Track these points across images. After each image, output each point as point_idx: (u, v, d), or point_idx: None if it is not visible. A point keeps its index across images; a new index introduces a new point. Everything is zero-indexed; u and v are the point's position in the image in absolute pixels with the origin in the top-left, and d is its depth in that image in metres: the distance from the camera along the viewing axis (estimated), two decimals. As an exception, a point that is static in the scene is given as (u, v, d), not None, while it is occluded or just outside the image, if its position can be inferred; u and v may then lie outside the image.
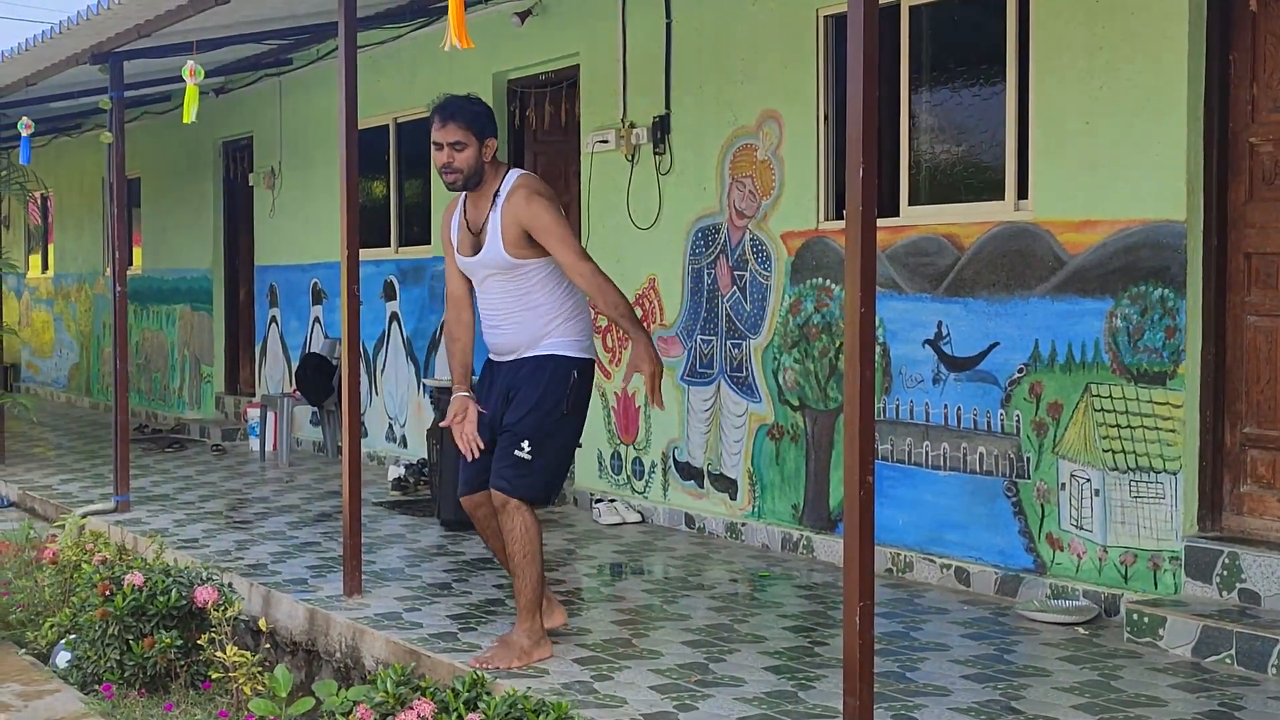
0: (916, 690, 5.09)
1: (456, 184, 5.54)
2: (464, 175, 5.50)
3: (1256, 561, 5.63)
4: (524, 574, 5.46)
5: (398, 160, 11.65)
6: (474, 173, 5.50)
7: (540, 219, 5.39)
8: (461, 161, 5.48)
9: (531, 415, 5.42)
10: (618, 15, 8.96)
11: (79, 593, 6.74)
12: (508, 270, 5.46)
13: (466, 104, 5.58)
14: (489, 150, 5.52)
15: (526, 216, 5.40)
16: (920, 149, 7.21)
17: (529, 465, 5.40)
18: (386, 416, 11.67)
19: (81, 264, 18.44)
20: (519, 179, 5.53)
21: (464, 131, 5.48)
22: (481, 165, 5.51)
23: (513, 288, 5.49)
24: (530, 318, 5.48)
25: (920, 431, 7.05)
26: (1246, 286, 5.89)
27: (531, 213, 5.40)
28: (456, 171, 5.50)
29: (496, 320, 5.55)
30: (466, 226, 5.59)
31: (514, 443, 5.40)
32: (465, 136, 5.48)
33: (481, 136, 5.50)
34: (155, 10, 8.29)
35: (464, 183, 5.53)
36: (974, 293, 6.78)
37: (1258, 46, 5.82)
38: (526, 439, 5.39)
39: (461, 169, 5.49)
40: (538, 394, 5.43)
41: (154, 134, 15.48)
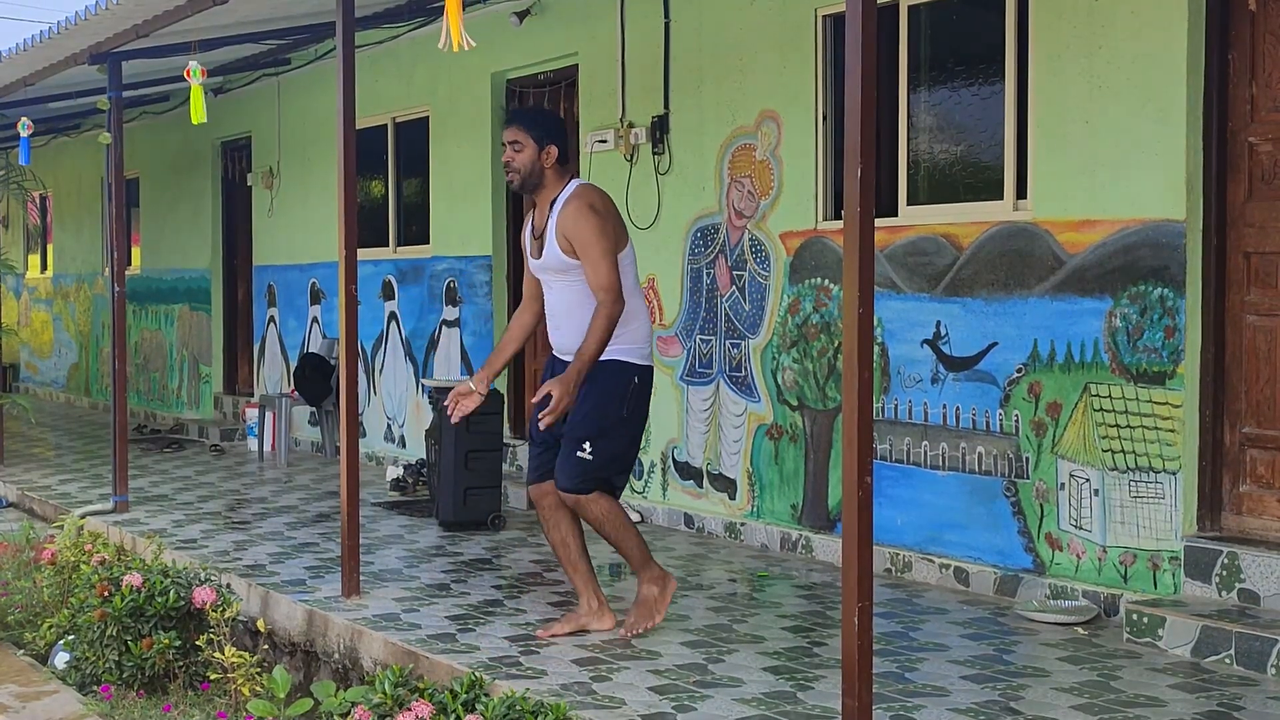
0: (915, 691, 5.08)
1: (514, 183, 5.80)
2: (521, 175, 5.76)
3: (1256, 561, 5.62)
4: (624, 543, 5.79)
5: (396, 160, 11.64)
6: (531, 174, 5.75)
7: (581, 235, 5.61)
8: (519, 161, 5.74)
9: (591, 417, 5.65)
10: (616, 15, 8.95)
11: (77, 593, 6.73)
12: (565, 272, 5.71)
13: (532, 110, 5.89)
14: (549, 156, 5.73)
15: (573, 230, 5.63)
16: (919, 149, 7.20)
17: (590, 464, 5.66)
18: (385, 417, 11.66)
19: (80, 264, 18.43)
20: (577, 188, 5.76)
21: (523, 133, 5.74)
22: (540, 169, 5.75)
23: (571, 290, 5.72)
24: (584, 319, 5.66)
25: (919, 431, 7.05)
26: (1246, 286, 5.89)
27: (578, 228, 5.63)
28: (515, 171, 5.76)
29: (558, 320, 5.80)
30: (532, 231, 5.87)
31: (576, 444, 5.65)
32: (524, 138, 5.73)
33: (541, 141, 5.72)
34: (153, 10, 8.28)
35: (521, 183, 5.78)
36: (973, 292, 6.77)
37: (1257, 45, 5.81)
38: (588, 440, 5.64)
39: (519, 169, 5.75)
40: (597, 397, 5.65)
41: (153, 134, 15.48)
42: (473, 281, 10.55)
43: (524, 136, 5.73)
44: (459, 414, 5.92)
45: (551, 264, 5.73)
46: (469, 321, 10.61)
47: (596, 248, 5.59)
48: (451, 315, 10.81)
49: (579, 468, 5.65)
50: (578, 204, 5.66)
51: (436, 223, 10.97)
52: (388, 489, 10.11)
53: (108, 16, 8.45)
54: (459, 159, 10.64)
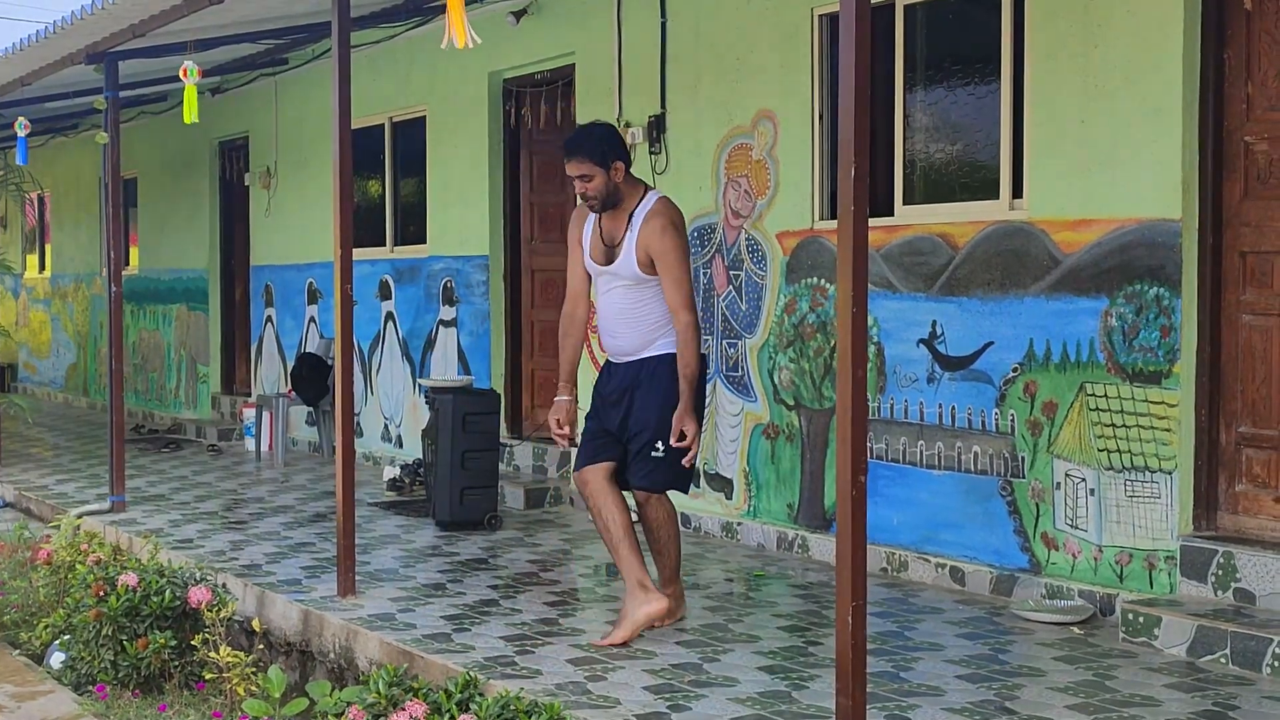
0: (910, 690, 5.08)
1: (596, 208, 5.90)
2: (600, 200, 5.85)
3: (1251, 561, 5.62)
4: (671, 549, 5.98)
5: (393, 159, 11.64)
6: (609, 195, 5.83)
7: (668, 256, 5.75)
8: (594, 190, 5.82)
9: (658, 415, 5.78)
10: (613, 15, 8.95)
11: (73, 593, 6.72)
12: (636, 283, 5.84)
13: (587, 136, 5.90)
14: (617, 173, 5.81)
15: (658, 249, 5.75)
16: (915, 148, 7.20)
17: (663, 461, 5.79)
18: (382, 416, 11.66)
19: (78, 264, 18.43)
20: (658, 203, 5.86)
21: (588, 164, 5.80)
22: (614, 187, 5.83)
23: (633, 297, 5.87)
24: (642, 325, 5.87)
25: (915, 431, 7.04)
26: (1242, 285, 5.88)
27: (663, 247, 5.75)
28: (593, 199, 5.85)
29: (616, 327, 5.93)
30: (600, 236, 5.93)
31: (648, 444, 5.80)
32: (590, 169, 5.79)
33: (606, 163, 5.79)
34: (150, 10, 8.28)
35: (602, 206, 5.87)
36: (968, 292, 6.77)
37: (1252, 45, 5.81)
38: (659, 438, 5.77)
39: (596, 196, 5.84)
40: (661, 394, 5.80)
41: (150, 134, 15.47)
42: (470, 281, 10.55)
43: (589, 167, 5.79)
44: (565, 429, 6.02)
45: (624, 273, 5.84)
46: (466, 321, 10.61)
47: (680, 267, 5.77)
48: (448, 315, 10.80)
49: (652, 466, 5.81)
50: (664, 222, 5.78)
51: (434, 223, 10.97)
52: (384, 489, 10.10)
53: (104, 16, 8.45)
54: (456, 159, 10.64)
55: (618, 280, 5.89)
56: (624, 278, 5.85)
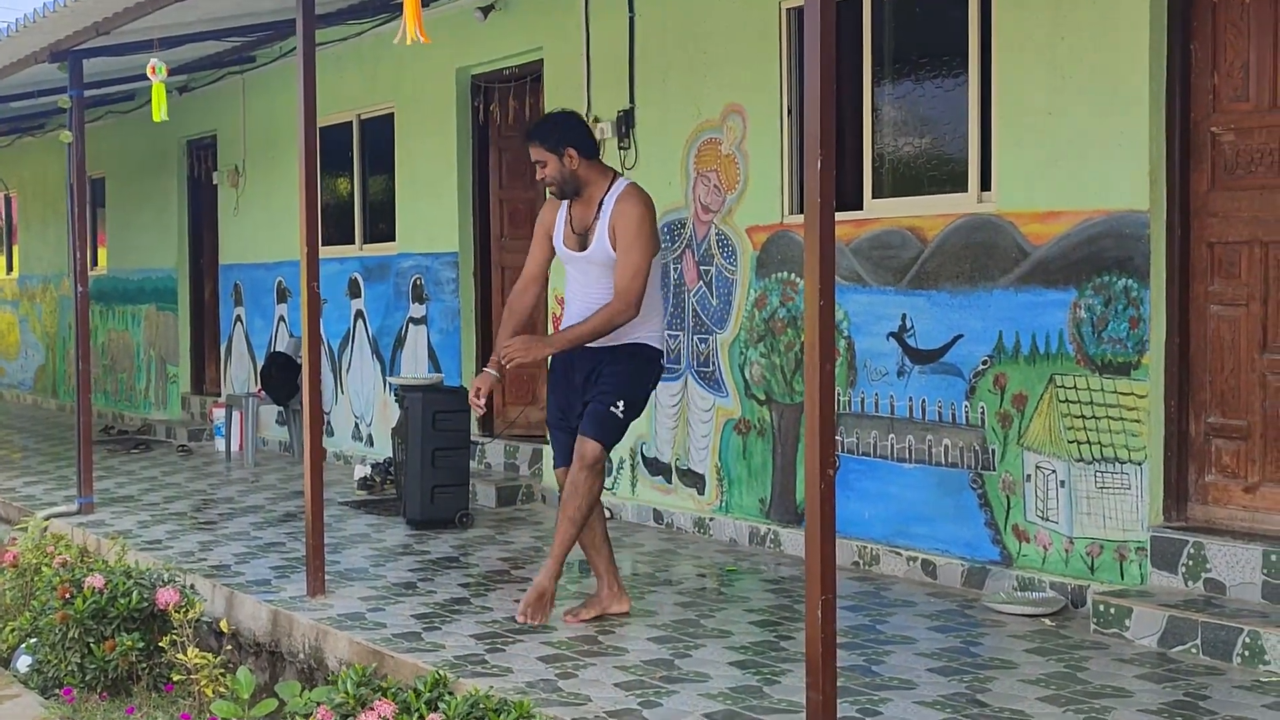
0: (882, 684, 5.07)
1: (557, 194, 5.97)
2: (558, 185, 5.91)
3: (1221, 551, 5.63)
4: (578, 525, 5.88)
5: (361, 157, 11.58)
6: (566, 181, 5.89)
7: (627, 236, 5.77)
8: (549, 175, 5.90)
9: (624, 384, 5.87)
10: (581, 9, 8.92)
11: (39, 596, 6.67)
12: (610, 266, 5.83)
13: (543, 122, 6.01)
14: (571, 160, 5.85)
15: (622, 227, 5.78)
16: (883, 142, 7.19)
17: (618, 421, 5.87)
18: (352, 415, 11.60)
19: (46, 265, 18.31)
20: (628, 188, 5.89)
21: (540, 150, 5.88)
22: (571, 174, 5.88)
23: (609, 282, 5.83)
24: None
25: (885, 424, 7.04)
26: (1210, 276, 5.89)
27: (625, 225, 5.78)
28: (550, 184, 5.94)
29: (587, 308, 5.89)
30: (571, 225, 5.97)
31: (610, 400, 5.84)
32: (542, 155, 5.88)
33: (558, 150, 5.85)
34: (113, 8, 8.22)
35: (561, 192, 5.94)
36: (938, 285, 6.77)
37: (1218, 36, 5.82)
38: (622, 399, 5.85)
39: (553, 182, 5.92)
40: (630, 370, 5.89)
41: (118, 133, 15.38)
42: (439, 279, 10.51)
43: (541, 153, 5.87)
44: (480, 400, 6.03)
45: (599, 258, 5.86)
46: (436, 319, 10.57)
47: (635, 253, 5.77)
48: (418, 313, 10.76)
49: (610, 420, 5.84)
50: (632, 208, 5.81)
51: (403, 220, 10.92)
52: (355, 488, 10.06)
53: (67, 14, 8.38)
54: (425, 155, 10.59)
55: (592, 267, 5.89)
56: (598, 263, 5.86)
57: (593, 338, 5.81)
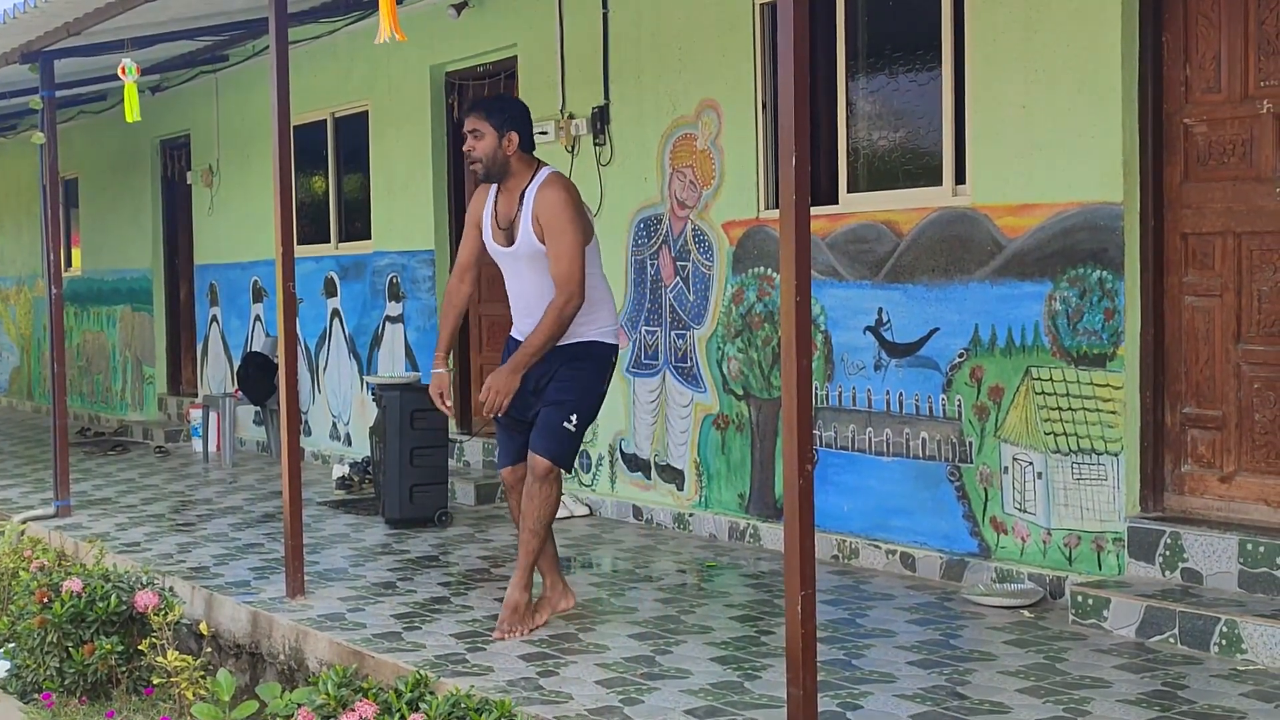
0: (862, 678, 5.08)
1: (479, 172, 5.72)
2: (484, 164, 5.69)
3: (1198, 541, 5.66)
4: (541, 537, 5.75)
5: (336, 155, 11.55)
6: (494, 163, 5.68)
7: (554, 225, 5.59)
8: (481, 150, 5.67)
9: (577, 391, 5.70)
10: (554, 6, 8.90)
11: (17, 600, 6.64)
12: (539, 259, 5.65)
13: (492, 97, 5.87)
14: (510, 144, 5.67)
15: (547, 217, 5.60)
16: (858, 136, 7.20)
17: (572, 436, 5.71)
18: (330, 415, 11.58)
19: (20, 266, 18.21)
20: (550, 177, 5.72)
21: (482, 121, 5.67)
22: (503, 158, 5.68)
23: (544, 276, 5.66)
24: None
25: (863, 418, 7.05)
26: (1184, 267, 5.92)
27: (551, 217, 5.60)
28: (477, 160, 5.69)
29: (529, 307, 5.75)
30: (496, 220, 5.79)
31: (562, 415, 5.67)
32: (483, 126, 5.66)
33: (501, 128, 5.66)
34: (84, 8, 8.17)
35: (485, 172, 5.71)
36: (914, 279, 6.78)
37: (1190, 28, 5.84)
38: (575, 413, 5.68)
39: (480, 157, 5.68)
40: (584, 374, 5.71)
41: (90, 133, 15.31)
42: (415, 277, 10.49)
43: (483, 125, 5.67)
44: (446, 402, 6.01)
45: (525, 252, 5.69)
46: (412, 317, 10.55)
47: (567, 238, 5.58)
48: (395, 311, 10.74)
49: (560, 437, 5.67)
50: (554, 194, 5.63)
51: (378, 218, 10.90)
52: (333, 488, 10.04)
53: (37, 15, 8.33)
54: (399, 153, 10.57)
55: (520, 263, 5.73)
56: (524, 256, 5.70)
57: (552, 341, 5.60)
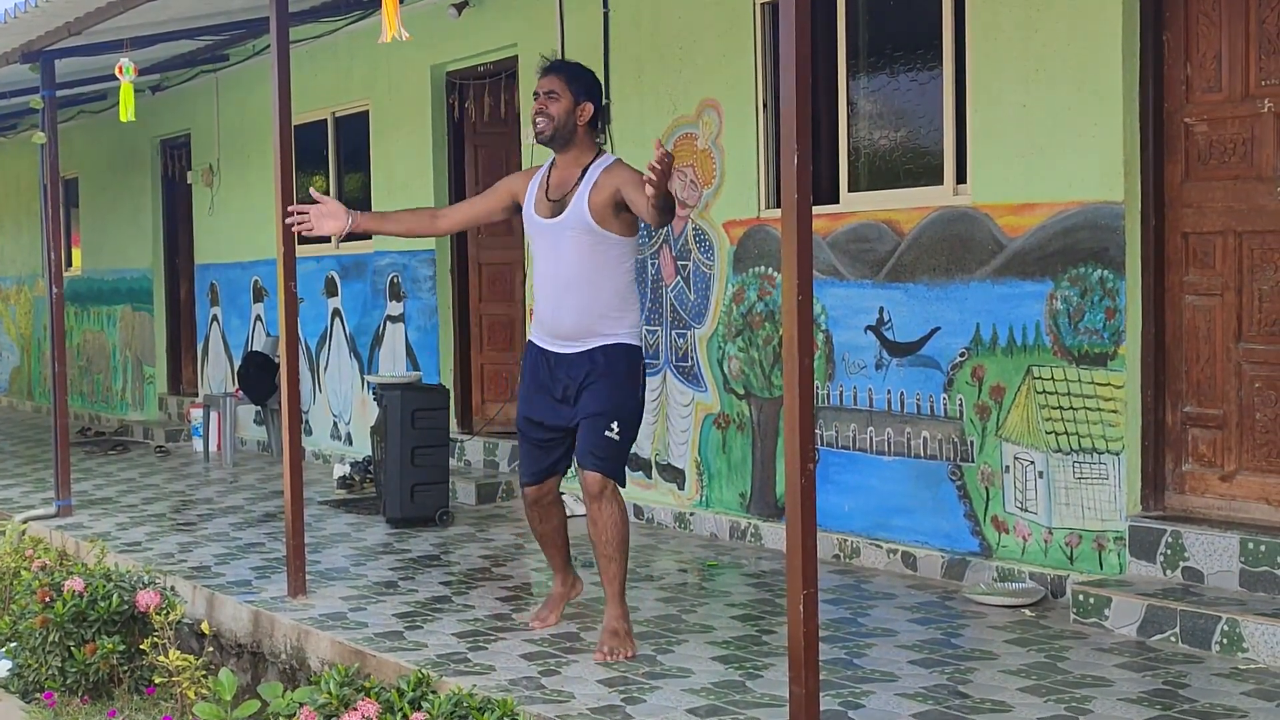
0: (864, 677, 5.08)
1: (545, 133, 5.48)
2: (554, 124, 5.46)
3: (1199, 540, 5.66)
4: (620, 559, 5.46)
5: (336, 155, 11.55)
6: (564, 126, 5.47)
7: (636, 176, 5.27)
8: (555, 110, 5.45)
9: (617, 398, 5.44)
10: (555, 6, 8.91)
11: (19, 600, 6.64)
12: (586, 235, 5.40)
13: (571, 64, 5.65)
14: (584, 113, 5.48)
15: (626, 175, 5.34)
16: (859, 135, 7.20)
17: (618, 446, 5.44)
18: (330, 414, 11.58)
19: (20, 266, 18.22)
20: (618, 160, 5.52)
21: (561, 84, 5.48)
22: (573, 124, 5.47)
23: (587, 258, 5.41)
24: (596, 295, 5.44)
25: (864, 417, 7.05)
26: (1184, 266, 5.92)
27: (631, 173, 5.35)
28: (548, 117, 5.46)
29: (559, 296, 5.48)
30: (546, 191, 5.53)
31: (604, 424, 5.41)
32: (561, 89, 5.47)
33: (578, 96, 5.48)
34: (85, 8, 8.17)
35: (552, 134, 5.47)
36: (915, 278, 6.79)
37: (1190, 26, 5.84)
38: (616, 420, 5.42)
39: (553, 115, 5.45)
40: (621, 379, 5.47)
41: (90, 133, 15.31)
42: (416, 276, 10.49)
43: (561, 87, 5.47)
44: (304, 226, 5.77)
45: (572, 224, 5.41)
46: (413, 317, 10.55)
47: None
48: (395, 311, 10.74)
49: (607, 448, 5.40)
50: (628, 166, 5.46)
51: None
52: (334, 487, 10.04)
53: (38, 14, 8.34)
54: (400, 153, 10.57)
55: (564, 236, 5.43)
56: (573, 227, 5.41)
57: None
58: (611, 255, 5.46)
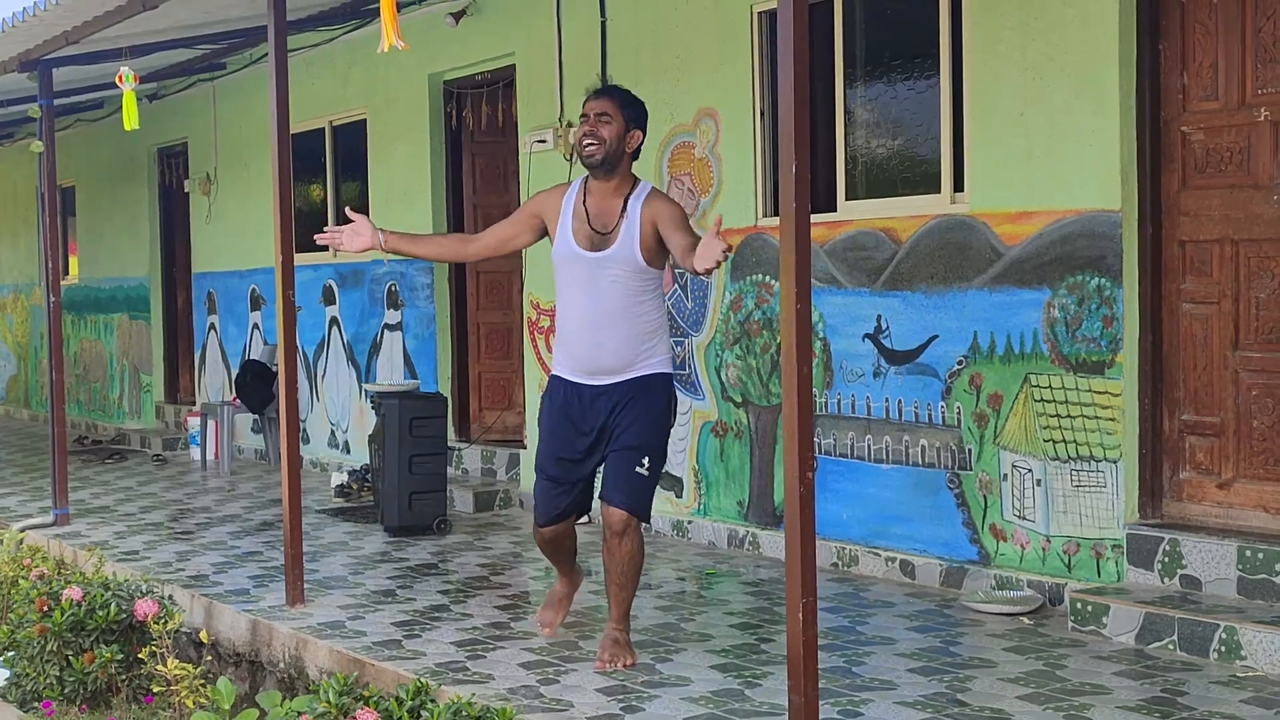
0: (862, 685, 5.09)
1: (595, 156, 5.29)
2: (605, 148, 5.29)
3: (1197, 547, 5.66)
4: (631, 588, 5.42)
5: (334, 163, 11.56)
6: (614, 151, 5.30)
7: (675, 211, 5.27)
8: (608, 134, 5.29)
9: (649, 432, 5.30)
10: (553, 14, 8.92)
11: (16, 609, 6.63)
12: (631, 273, 5.26)
13: (624, 90, 5.52)
14: (633, 141, 5.35)
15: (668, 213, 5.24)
16: (857, 143, 7.21)
17: (647, 482, 5.30)
18: (328, 422, 11.58)
19: (17, 274, 18.21)
20: (655, 190, 5.41)
21: (614, 107, 5.34)
22: (621, 150, 5.32)
23: (629, 295, 5.28)
24: (636, 331, 5.30)
25: (862, 425, 7.06)
26: (1181, 274, 5.93)
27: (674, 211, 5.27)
28: (599, 141, 5.29)
29: (596, 334, 5.30)
30: (588, 219, 5.35)
31: (635, 459, 5.26)
32: (613, 112, 5.33)
33: (630, 122, 5.34)
34: (83, 17, 8.18)
35: (602, 158, 5.29)
36: (912, 286, 6.79)
37: (1187, 36, 5.86)
38: (648, 455, 5.28)
39: (605, 138, 5.29)
40: (657, 414, 5.32)
41: (88, 141, 15.31)
42: (414, 285, 10.49)
43: (615, 111, 5.32)
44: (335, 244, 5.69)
45: (618, 258, 5.25)
46: (411, 325, 10.55)
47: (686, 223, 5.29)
48: (393, 319, 10.74)
49: (637, 484, 5.26)
50: (663, 195, 5.38)
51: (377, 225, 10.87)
52: (332, 495, 10.04)
53: (36, 23, 8.34)
54: (398, 161, 10.58)
55: (612, 270, 5.26)
56: (618, 265, 5.25)
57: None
58: (650, 287, 5.35)
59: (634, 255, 5.25)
